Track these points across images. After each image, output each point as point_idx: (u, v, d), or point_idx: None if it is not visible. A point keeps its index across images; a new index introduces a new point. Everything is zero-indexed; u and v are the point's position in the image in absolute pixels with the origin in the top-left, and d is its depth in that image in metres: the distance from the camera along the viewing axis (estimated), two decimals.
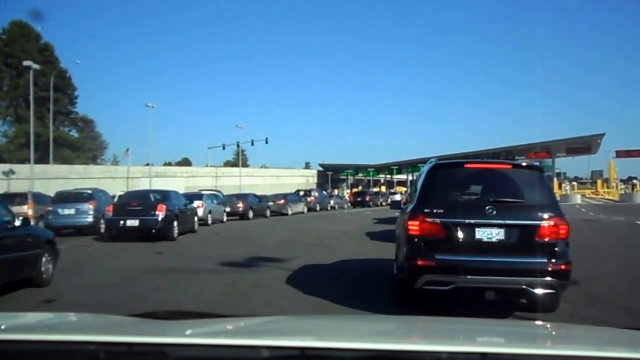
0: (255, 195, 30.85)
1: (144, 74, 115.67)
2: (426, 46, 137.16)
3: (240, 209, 27.27)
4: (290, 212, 32.52)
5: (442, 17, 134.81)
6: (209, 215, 22.98)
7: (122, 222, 15.75)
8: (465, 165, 6.63)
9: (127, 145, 76.07)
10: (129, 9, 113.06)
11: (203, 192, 24.92)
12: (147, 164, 55.20)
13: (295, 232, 20.21)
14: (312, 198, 38.70)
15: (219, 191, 35.25)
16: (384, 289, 7.86)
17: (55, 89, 55.83)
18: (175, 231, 16.55)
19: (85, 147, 62.19)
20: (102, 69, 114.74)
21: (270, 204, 31.35)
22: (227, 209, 26.48)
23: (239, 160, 66.24)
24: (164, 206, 16.06)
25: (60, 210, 18.62)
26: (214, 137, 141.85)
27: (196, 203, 22.16)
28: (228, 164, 79.04)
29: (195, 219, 19.36)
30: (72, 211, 18.61)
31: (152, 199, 16.62)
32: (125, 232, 15.97)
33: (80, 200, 18.90)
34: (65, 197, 19.60)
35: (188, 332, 1.81)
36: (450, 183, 6.40)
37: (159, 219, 15.82)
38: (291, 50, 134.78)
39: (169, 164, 76.75)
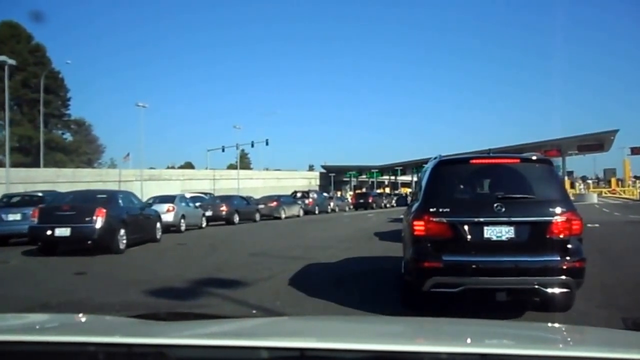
0: (242, 197, 26.88)
1: (145, 78, 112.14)
2: (432, 48, 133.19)
3: (224, 212, 23.31)
4: (283, 216, 28.54)
5: (447, 19, 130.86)
6: (182, 221, 19.12)
7: (49, 231, 11.88)
8: (471, 161, 6.11)
9: (126, 149, 72.32)
10: (126, 11, 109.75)
11: (176, 194, 21.05)
12: (151, 168, 52.24)
13: (279, 240, 16.35)
14: (310, 200, 34.65)
15: (208, 194, 31.56)
16: None
17: (47, 91, 52.42)
18: (123, 242, 12.67)
19: (79, 150, 58.60)
20: (102, 73, 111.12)
21: (261, 206, 27.37)
22: (209, 213, 22.62)
23: (238, 162, 62.40)
24: (105, 210, 12.17)
25: (4, 216, 15.13)
26: (217, 140, 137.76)
27: (165, 206, 18.41)
28: (232, 167, 75.20)
29: (158, 225, 15.47)
30: (17, 217, 15.02)
31: (91, 202, 12.68)
32: (55, 244, 12.12)
33: (29, 205, 15.23)
34: (12, 202, 16.35)
35: (187, 333, 1.76)
36: (456, 180, 5.99)
37: (97, 226, 11.94)
38: (295, 52, 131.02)
39: (172, 168, 73.19)
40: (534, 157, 6.08)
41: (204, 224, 21.43)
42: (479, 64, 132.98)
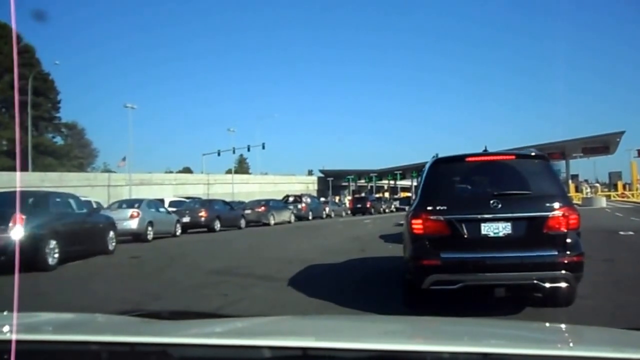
0: (224, 202, 23.93)
1: (143, 84, 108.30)
2: (433, 52, 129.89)
3: (203, 218, 20.48)
4: (272, 222, 25.61)
5: (448, 24, 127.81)
6: (150, 228, 16.36)
7: None
8: (468, 159, 5.96)
9: (122, 154, 69.45)
10: (123, 16, 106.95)
11: (143, 198, 18.32)
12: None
13: (256, 251, 13.61)
14: (303, 205, 31.68)
15: (193, 198, 28.83)
16: None
17: (36, 93, 49.77)
18: (54, 256, 9.99)
19: (70, 154, 55.77)
20: (100, 78, 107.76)
21: (248, 212, 24.54)
22: (186, 219, 19.86)
23: (233, 167, 59.74)
24: (24, 217, 9.44)
25: None
26: (217, 145, 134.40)
27: (129, 212, 15.67)
28: (230, 172, 72.44)
29: (111, 234, 12.74)
30: None
31: (9, 206, 9.87)
32: None
33: None
34: None
35: (190, 332, 1.72)
36: (453, 178, 5.96)
37: (13, 237, 9.20)
38: (294, 57, 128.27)
39: (170, 173, 70.42)
40: (529, 153, 5.99)
41: (179, 232, 18.66)
42: (480, 67, 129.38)
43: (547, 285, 5.13)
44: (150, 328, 1.73)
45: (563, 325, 2.23)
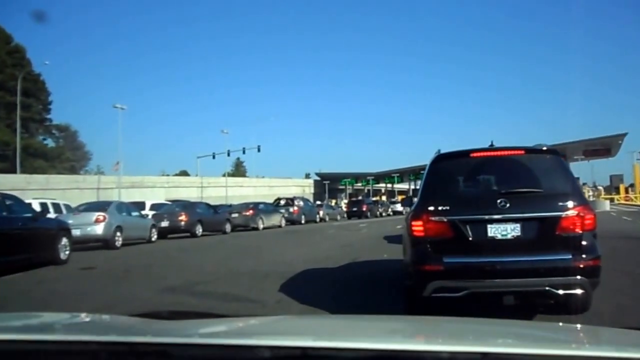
0: (207, 205, 22.08)
1: (140, 87, 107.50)
2: (432, 55, 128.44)
3: (182, 223, 18.62)
4: (261, 226, 23.74)
5: (447, 27, 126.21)
6: (119, 234, 14.49)
7: None
8: (472, 155, 5.39)
9: (117, 157, 67.53)
10: (123, 19, 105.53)
11: (112, 201, 16.51)
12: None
13: (232, 260, 11.78)
14: (295, 208, 29.80)
15: (178, 201, 27.01)
16: None
17: (27, 94, 48.03)
18: None
19: (62, 157, 53.95)
20: (95, 82, 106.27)
21: (234, 215, 22.67)
22: (165, 224, 18.02)
23: (227, 170, 57.89)
24: None
25: None
26: (214, 149, 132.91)
27: (93, 216, 13.83)
28: (228, 175, 70.49)
29: (64, 241, 10.94)
30: None
31: None
32: None
33: None
34: None
35: (190, 332, 1.67)
36: (456, 175, 5.48)
37: None
38: (292, 60, 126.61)
39: (166, 176, 68.55)
40: (540, 148, 5.42)
41: (154, 237, 16.81)
42: (478, 70, 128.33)
43: (561, 292, 4.72)
44: (150, 328, 1.67)
45: (565, 325, 2.13)
